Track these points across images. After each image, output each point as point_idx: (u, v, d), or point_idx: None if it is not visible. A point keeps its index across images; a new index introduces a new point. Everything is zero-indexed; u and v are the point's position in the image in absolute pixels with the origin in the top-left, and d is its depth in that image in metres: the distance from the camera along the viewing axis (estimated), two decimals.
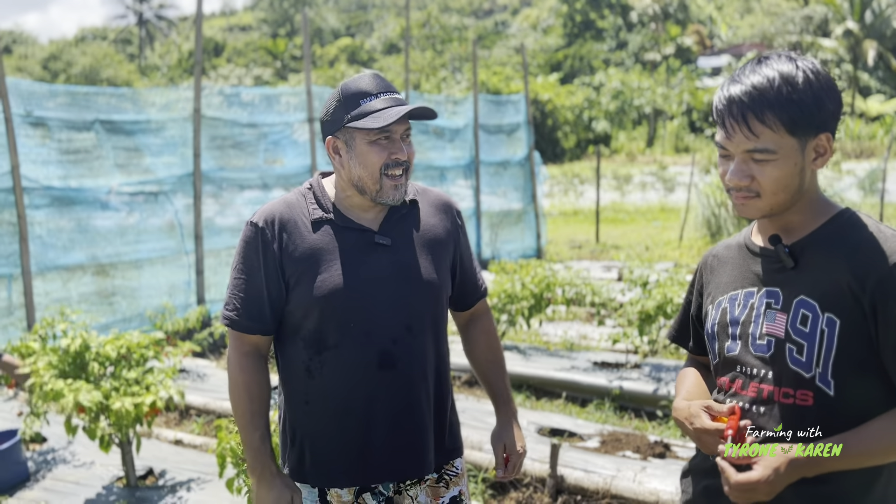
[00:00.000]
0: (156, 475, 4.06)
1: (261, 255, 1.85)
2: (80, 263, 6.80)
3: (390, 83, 1.88)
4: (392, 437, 1.86)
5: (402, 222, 1.93)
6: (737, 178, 1.49)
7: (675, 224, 15.23)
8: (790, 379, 1.49)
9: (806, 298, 1.49)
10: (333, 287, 1.82)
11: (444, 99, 11.74)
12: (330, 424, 1.86)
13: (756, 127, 1.45)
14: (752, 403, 1.54)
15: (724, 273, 1.67)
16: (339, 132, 1.85)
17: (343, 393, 1.85)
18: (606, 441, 4.33)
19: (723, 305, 1.63)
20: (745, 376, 1.56)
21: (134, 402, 3.36)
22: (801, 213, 1.55)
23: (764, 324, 1.54)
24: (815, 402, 1.47)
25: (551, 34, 59.29)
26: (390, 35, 64.07)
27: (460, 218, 2.05)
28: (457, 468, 2.01)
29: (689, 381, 1.76)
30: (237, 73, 45.94)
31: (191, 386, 5.56)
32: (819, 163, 1.51)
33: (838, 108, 1.50)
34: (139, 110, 7.47)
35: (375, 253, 1.87)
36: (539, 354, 6.10)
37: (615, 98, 39.61)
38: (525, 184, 11.92)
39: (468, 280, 2.07)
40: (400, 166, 1.84)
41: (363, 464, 1.86)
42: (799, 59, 1.48)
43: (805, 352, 1.47)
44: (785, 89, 1.44)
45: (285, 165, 8.35)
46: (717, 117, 1.51)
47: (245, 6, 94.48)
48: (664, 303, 5.26)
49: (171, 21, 67.71)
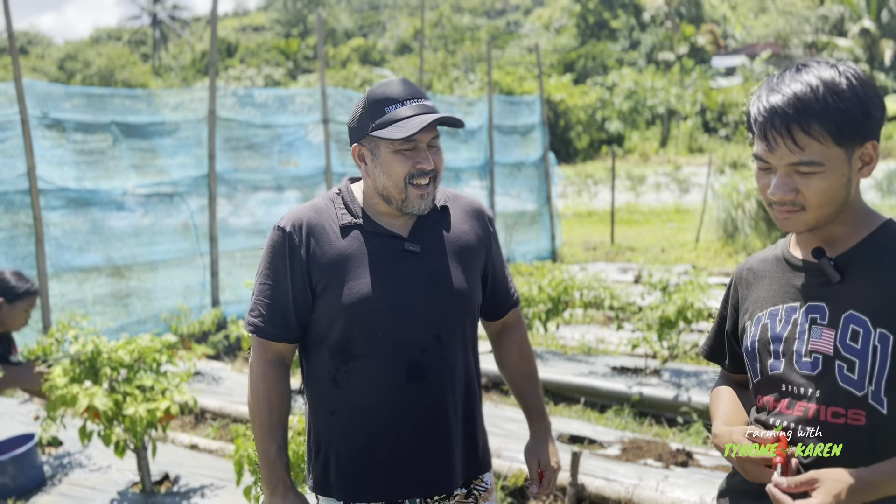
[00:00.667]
0: (171, 480, 4.03)
1: (287, 260, 1.80)
2: (96, 265, 6.79)
3: (418, 89, 1.81)
4: (419, 450, 1.81)
5: (433, 229, 1.87)
6: (781, 193, 1.42)
7: (690, 225, 15.11)
8: (841, 398, 1.42)
9: (856, 313, 1.42)
10: (361, 295, 1.77)
11: (458, 100, 11.69)
12: (355, 436, 1.82)
13: (801, 139, 1.37)
14: (797, 423, 1.46)
15: (762, 288, 1.60)
16: (363, 140, 1.80)
17: (369, 404, 1.80)
18: (627, 448, 4.27)
19: (763, 321, 1.55)
20: (791, 396, 1.48)
21: (148, 407, 3.33)
22: (844, 225, 1.48)
23: (809, 340, 1.46)
24: (868, 421, 1.40)
25: (564, 34, 59.12)
26: (403, 35, 64.09)
27: (492, 225, 2.00)
28: (486, 483, 1.95)
29: (726, 403, 1.68)
30: (248, 73, 46.04)
31: (206, 389, 5.53)
32: (865, 172, 1.44)
33: (883, 115, 1.43)
34: (154, 111, 7.46)
35: (405, 260, 1.81)
36: (556, 359, 6.04)
37: (628, 98, 39.42)
38: (540, 185, 11.85)
39: (500, 288, 2.02)
40: (426, 175, 1.78)
41: (389, 478, 1.81)
42: (840, 65, 1.41)
43: (857, 369, 1.40)
44: (830, 98, 1.36)
45: (299, 167, 8.32)
46: (758, 130, 1.42)
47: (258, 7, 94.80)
48: (685, 307, 5.18)
49: (184, 21, 68.03)
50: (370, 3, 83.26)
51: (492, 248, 1.98)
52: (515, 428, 4.60)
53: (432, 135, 1.79)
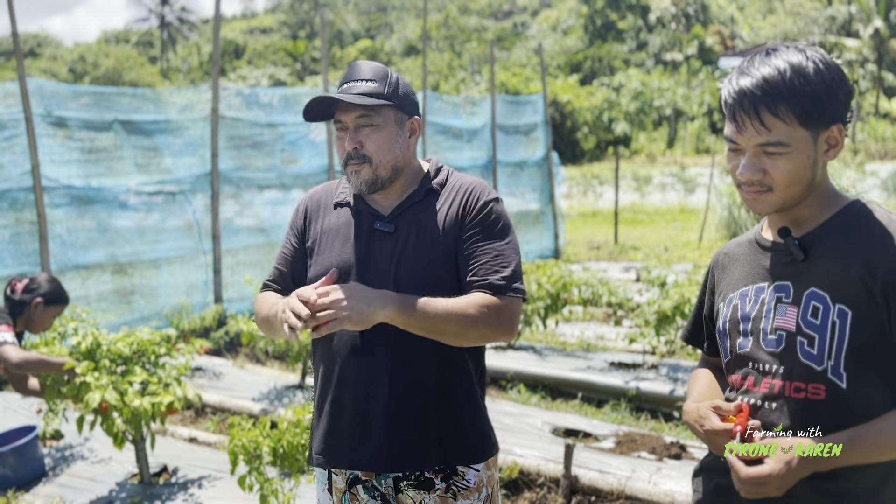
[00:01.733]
0: (169, 472, 4.07)
1: (293, 227, 2.02)
2: (99, 262, 6.85)
3: (364, 70, 1.84)
4: (360, 424, 1.85)
5: (413, 210, 1.90)
6: (749, 173, 1.46)
7: (694, 225, 15.10)
8: (801, 373, 1.46)
9: (817, 290, 1.46)
10: (324, 267, 1.89)
11: (463, 100, 11.72)
12: (318, 401, 1.95)
13: (769, 120, 1.41)
14: (763, 400, 1.50)
15: (735, 270, 1.64)
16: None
17: (325, 372, 1.91)
18: (622, 442, 4.29)
19: (734, 302, 1.60)
20: (758, 373, 1.52)
21: (152, 401, 3.38)
22: (811, 206, 1.52)
23: (775, 318, 1.50)
24: (828, 395, 1.44)
25: (571, 35, 59.08)
26: (410, 37, 64.18)
27: (479, 205, 1.86)
28: (468, 481, 1.88)
29: (702, 383, 1.73)
30: (255, 74, 46.19)
31: (206, 384, 5.58)
32: (831, 154, 1.48)
33: (849, 99, 1.47)
34: (159, 111, 7.52)
35: (374, 238, 1.88)
36: (555, 355, 6.06)
37: (635, 99, 39.38)
38: (543, 184, 11.87)
39: (474, 270, 1.83)
40: (353, 158, 1.84)
41: (330, 448, 1.90)
42: (808, 50, 1.45)
43: (816, 344, 1.44)
44: (797, 81, 1.40)
45: (302, 165, 8.38)
46: (727, 111, 1.47)
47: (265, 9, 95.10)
48: (681, 303, 5.20)
49: (192, 23, 68.27)
50: (377, 4, 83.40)
51: (468, 229, 1.85)
52: (511, 422, 4.63)
53: (355, 114, 1.82)
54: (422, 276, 1.81)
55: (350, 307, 1.67)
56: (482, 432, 1.91)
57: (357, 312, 1.68)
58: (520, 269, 1.87)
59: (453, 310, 1.75)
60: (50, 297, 3.60)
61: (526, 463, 3.87)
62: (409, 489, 1.88)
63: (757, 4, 59.02)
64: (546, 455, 4.03)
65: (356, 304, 1.68)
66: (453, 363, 1.86)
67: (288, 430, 3.22)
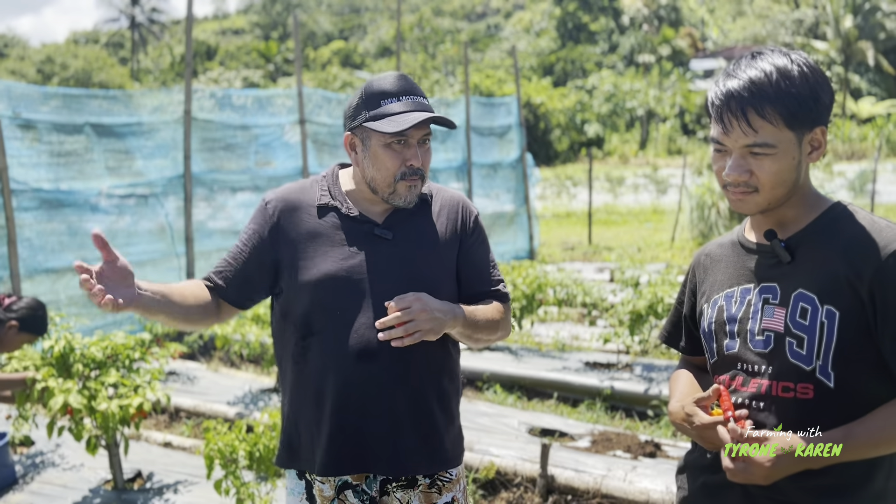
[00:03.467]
0: (144, 478, 4.03)
1: (256, 227, 1.92)
2: (70, 266, 6.76)
3: (415, 86, 1.86)
4: (359, 429, 1.85)
5: (409, 219, 1.91)
6: (736, 174, 1.48)
7: (667, 225, 15.25)
8: (790, 373, 1.48)
9: (804, 292, 1.49)
10: (323, 273, 1.83)
11: (437, 101, 11.74)
12: (309, 411, 1.88)
13: (756, 121, 1.44)
14: (751, 399, 1.53)
15: (718, 271, 1.66)
16: (356, 129, 1.86)
17: (319, 379, 1.86)
18: (597, 441, 4.33)
19: (719, 303, 1.61)
20: (745, 373, 1.55)
21: (120, 403, 3.34)
22: (795, 208, 1.55)
23: (762, 319, 1.53)
24: (816, 395, 1.47)
25: (544, 37, 59.38)
26: (384, 38, 64.08)
27: (474, 221, 1.99)
28: (451, 474, 1.95)
29: (683, 383, 1.74)
30: (227, 76, 45.84)
31: (181, 388, 5.54)
32: (814, 156, 1.51)
33: (831, 102, 1.50)
34: (131, 113, 7.45)
35: (374, 245, 1.87)
36: (531, 355, 6.10)
37: (608, 101, 39.68)
38: (517, 185, 11.92)
39: (477, 282, 1.97)
40: (416, 174, 1.83)
41: (335, 454, 1.86)
42: (792, 53, 1.48)
43: (805, 345, 1.47)
44: (783, 83, 1.44)
45: (276, 167, 8.34)
46: (714, 113, 1.49)
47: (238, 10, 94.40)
48: (655, 303, 5.26)
49: (163, 24, 67.57)
50: (351, 6, 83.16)
51: (467, 242, 1.96)
52: (488, 422, 4.65)
53: (424, 132, 1.84)
54: (427, 283, 1.85)
55: (433, 319, 1.75)
56: (462, 431, 2.01)
57: (438, 323, 1.77)
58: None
59: (489, 317, 1.92)
60: (26, 324, 3.45)
61: (503, 463, 3.88)
62: (398, 490, 1.91)
63: (727, 7, 59.76)
64: (523, 455, 4.05)
65: (437, 316, 1.77)
66: (447, 367, 1.94)
67: (264, 434, 3.20)
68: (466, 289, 1.96)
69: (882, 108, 36.27)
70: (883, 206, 16.24)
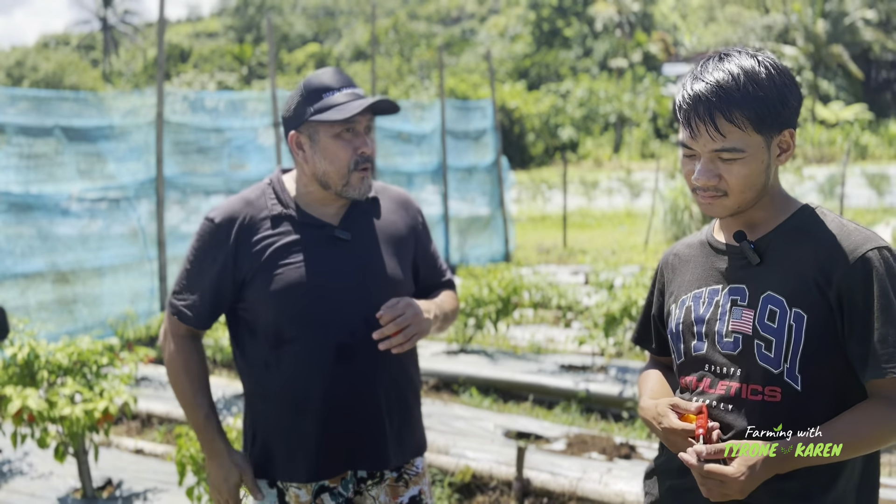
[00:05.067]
0: (114, 485, 3.97)
1: (214, 251, 1.86)
2: (40, 271, 6.65)
3: (351, 79, 1.88)
4: (349, 430, 1.86)
5: (363, 218, 1.92)
6: (704, 178, 1.47)
7: (641, 228, 15.37)
8: (758, 375, 1.48)
9: (773, 294, 1.48)
10: (291, 281, 1.82)
11: (412, 104, 11.73)
12: (287, 418, 1.86)
13: (724, 126, 1.42)
14: (719, 401, 1.52)
15: (686, 271, 1.65)
16: (302, 127, 1.84)
17: (300, 386, 1.84)
18: (573, 443, 4.33)
19: (687, 304, 1.60)
20: (714, 375, 1.54)
21: (85, 408, 3.28)
22: (764, 209, 1.54)
23: (730, 321, 1.52)
24: (783, 398, 1.46)
25: (519, 42, 59.64)
26: (358, 41, 63.95)
27: (421, 215, 2.06)
28: (417, 467, 1.99)
29: (653, 381, 1.74)
30: (201, 79, 45.46)
31: (152, 394, 5.47)
32: (783, 158, 1.51)
33: (799, 103, 1.50)
34: (102, 116, 7.36)
35: (335, 247, 1.87)
36: (506, 358, 6.10)
37: (582, 105, 39.93)
38: (493, 189, 11.95)
39: (431, 275, 2.07)
40: (367, 161, 1.84)
41: (320, 459, 1.85)
42: (759, 55, 1.47)
43: (773, 348, 1.46)
44: (750, 86, 1.42)
45: (250, 170, 8.28)
46: (682, 116, 1.47)
47: (212, 13, 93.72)
48: (629, 305, 5.29)
49: (136, 27, 66.86)
50: (325, 9, 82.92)
51: (420, 237, 2.03)
52: (464, 426, 4.64)
53: (368, 119, 1.86)
54: (389, 281, 1.89)
55: (424, 320, 1.82)
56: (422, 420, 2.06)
57: (428, 324, 1.85)
58: None
59: (453, 307, 2.03)
60: None
61: (478, 467, 3.88)
62: (372, 488, 1.92)
63: (699, 13, 60.44)
64: (498, 458, 4.04)
65: (426, 317, 1.84)
66: (412, 357, 1.98)
67: (237, 440, 3.17)
68: (423, 282, 2.04)
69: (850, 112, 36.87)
70: (851, 210, 16.49)
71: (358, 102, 1.80)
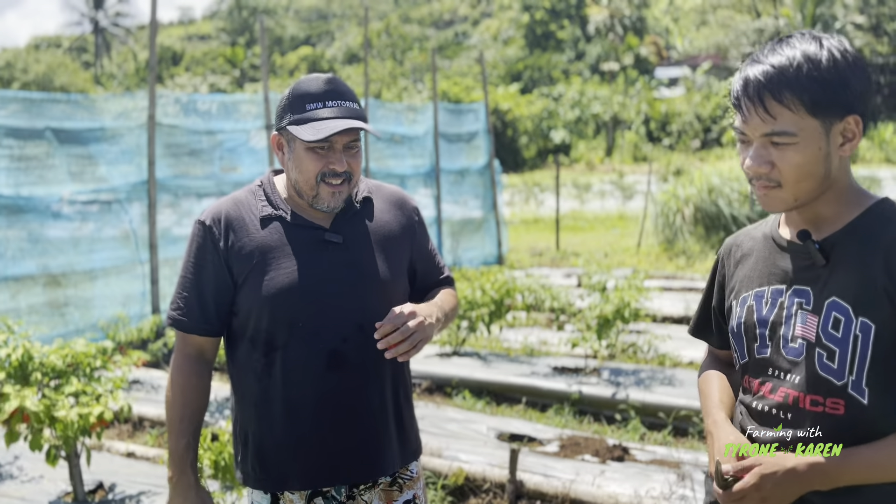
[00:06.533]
0: (106, 489, 3.95)
1: (207, 254, 1.83)
2: (31, 274, 6.62)
3: (345, 89, 1.80)
4: (343, 438, 1.83)
5: (355, 220, 1.89)
6: (756, 165, 1.38)
7: (633, 231, 15.39)
8: (819, 386, 1.38)
9: (838, 300, 1.37)
10: (281, 286, 1.79)
11: (405, 107, 11.73)
12: (280, 426, 1.83)
13: (773, 108, 1.34)
14: (777, 409, 1.43)
15: (748, 266, 1.55)
16: (282, 131, 1.82)
17: (292, 393, 1.81)
18: (566, 445, 4.34)
19: (748, 303, 1.51)
20: (776, 379, 1.45)
21: (80, 412, 3.26)
22: (831, 204, 1.42)
23: (796, 325, 1.42)
24: (847, 411, 1.36)
25: (512, 45, 59.75)
26: (351, 44, 63.96)
27: (417, 213, 2.00)
28: (411, 472, 1.96)
29: (716, 387, 1.63)
30: (194, 81, 45.37)
31: (144, 397, 5.44)
32: (847, 148, 1.39)
33: (867, 90, 1.39)
34: (93, 118, 7.32)
35: (326, 251, 1.83)
36: (499, 360, 6.10)
37: (574, 108, 40.01)
38: (485, 192, 11.96)
39: (430, 273, 2.02)
40: (339, 176, 1.78)
41: (315, 466, 1.83)
42: (824, 38, 1.37)
43: (837, 358, 1.36)
44: (806, 68, 1.33)
45: (242, 173, 8.26)
46: (734, 100, 1.40)
47: (204, 15, 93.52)
48: (622, 307, 5.30)
49: (127, 29, 66.67)
50: (318, 12, 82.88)
51: (416, 236, 1.98)
52: (457, 428, 4.64)
53: (350, 138, 1.79)
54: (382, 283, 1.85)
55: (429, 326, 1.78)
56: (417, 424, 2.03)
57: (431, 329, 1.79)
58: None
59: (453, 306, 1.99)
60: None
61: (472, 469, 3.87)
62: (364, 492, 1.89)
63: (691, 16, 60.66)
64: (491, 461, 4.04)
65: (431, 321, 1.79)
66: (404, 365, 1.95)
67: (229, 443, 3.16)
68: (422, 281, 2.00)
69: None
70: None
71: (333, 123, 1.72)
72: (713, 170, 13.23)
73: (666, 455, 4.16)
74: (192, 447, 1.84)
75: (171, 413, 1.86)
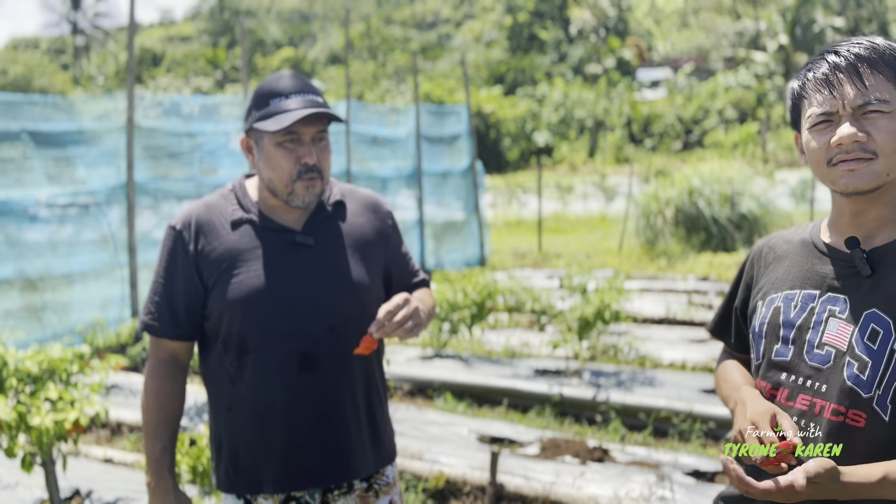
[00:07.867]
0: (83, 496, 3.90)
1: (178, 258, 1.83)
2: (6, 278, 6.55)
3: (308, 84, 1.82)
4: (315, 441, 1.82)
5: (327, 222, 1.88)
6: (850, 134, 1.34)
7: (615, 233, 15.46)
8: (844, 396, 1.36)
9: (879, 313, 1.35)
10: (251, 289, 1.78)
11: (387, 109, 11.72)
12: (253, 430, 1.82)
13: (869, 78, 1.36)
14: (799, 416, 1.40)
15: (780, 268, 1.53)
16: (250, 132, 1.82)
17: (264, 397, 1.80)
18: (546, 447, 4.34)
19: (776, 304, 1.49)
20: (794, 385, 1.42)
21: (55, 418, 3.22)
22: (891, 208, 1.40)
23: (825, 332, 1.40)
24: (868, 424, 1.34)
25: (494, 47, 59.86)
26: (333, 46, 63.81)
27: (391, 218, 2.00)
28: (388, 477, 1.95)
29: (738, 372, 1.62)
30: (175, 83, 45.08)
31: (123, 402, 5.39)
32: None
33: None
34: (72, 120, 7.26)
35: (297, 253, 1.82)
36: (481, 363, 6.10)
37: (557, 110, 40.15)
38: (468, 194, 11.96)
39: (404, 277, 2.01)
40: (311, 171, 1.78)
41: (287, 470, 1.82)
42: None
43: (868, 370, 1.34)
44: (889, 49, 1.39)
45: (222, 175, 8.22)
46: (818, 84, 1.40)
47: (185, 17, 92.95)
48: (602, 308, 5.31)
49: (107, 31, 66.11)
50: (300, 13, 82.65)
51: (391, 241, 1.98)
52: (438, 431, 4.63)
53: (317, 128, 1.79)
54: (354, 286, 1.84)
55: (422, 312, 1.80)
56: (392, 427, 2.02)
57: (422, 316, 1.81)
58: None
59: (430, 304, 1.99)
60: None
61: (452, 472, 3.87)
62: (339, 498, 1.88)
63: (672, 19, 61.06)
64: (472, 463, 4.04)
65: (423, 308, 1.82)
66: (378, 362, 1.95)
67: (207, 448, 3.13)
68: (397, 284, 1.98)
69: None
70: (823, 213, 16.72)
71: (296, 113, 1.72)
72: (694, 171, 13.32)
73: (646, 456, 4.18)
74: (168, 451, 1.83)
75: (147, 417, 1.85)
